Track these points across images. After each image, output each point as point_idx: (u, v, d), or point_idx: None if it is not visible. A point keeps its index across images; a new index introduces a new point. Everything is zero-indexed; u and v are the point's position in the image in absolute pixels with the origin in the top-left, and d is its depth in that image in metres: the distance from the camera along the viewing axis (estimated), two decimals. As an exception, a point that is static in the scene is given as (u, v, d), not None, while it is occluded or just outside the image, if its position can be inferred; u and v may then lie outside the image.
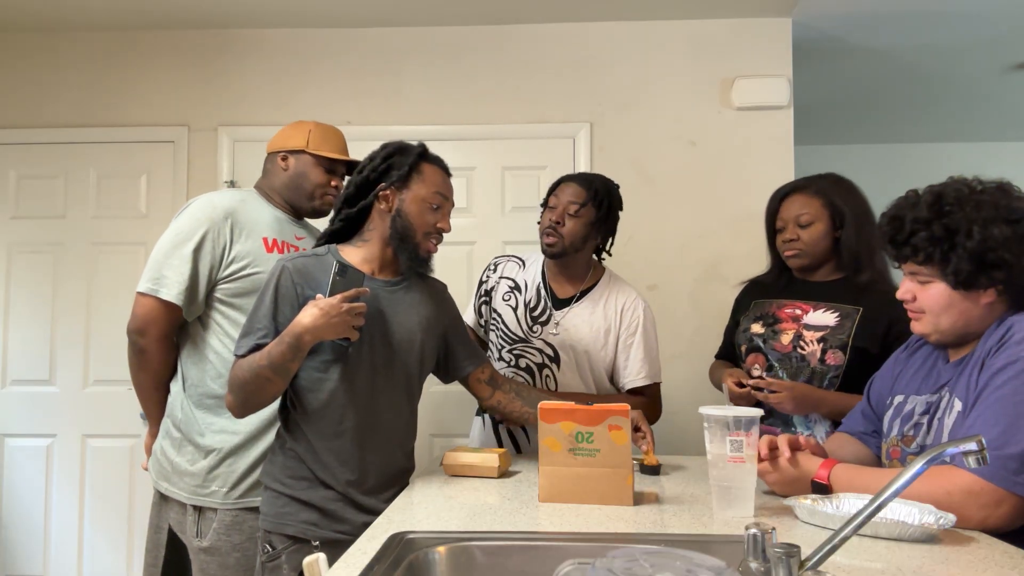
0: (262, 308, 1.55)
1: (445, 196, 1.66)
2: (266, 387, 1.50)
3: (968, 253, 1.28)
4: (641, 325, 2.04)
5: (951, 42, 3.23)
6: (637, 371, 2.03)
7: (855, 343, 1.87)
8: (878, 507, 0.91)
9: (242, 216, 1.86)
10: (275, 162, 1.96)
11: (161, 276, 1.78)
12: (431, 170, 1.65)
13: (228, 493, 1.79)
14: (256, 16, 3.05)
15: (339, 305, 1.46)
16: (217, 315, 1.84)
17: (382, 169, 1.63)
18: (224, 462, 1.80)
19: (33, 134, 3.17)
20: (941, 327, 1.36)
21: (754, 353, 1.99)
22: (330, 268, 1.51)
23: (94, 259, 3.13)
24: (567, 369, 2.02)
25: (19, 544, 3.09)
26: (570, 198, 1.99)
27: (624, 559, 0.80)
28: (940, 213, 1.31)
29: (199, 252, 1.79)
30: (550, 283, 2.09)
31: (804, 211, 1.96)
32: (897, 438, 1.44)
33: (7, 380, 3.14)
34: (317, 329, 1.46)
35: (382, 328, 1.60)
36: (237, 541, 1.78)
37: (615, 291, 2.07)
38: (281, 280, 1.55)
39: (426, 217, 1.62)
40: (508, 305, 2.10)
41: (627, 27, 3.09)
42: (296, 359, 1.49)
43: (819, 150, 4.54)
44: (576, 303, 2.05)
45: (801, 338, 1.92)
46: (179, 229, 1.82)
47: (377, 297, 1.60)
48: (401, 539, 1.13)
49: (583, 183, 2.01)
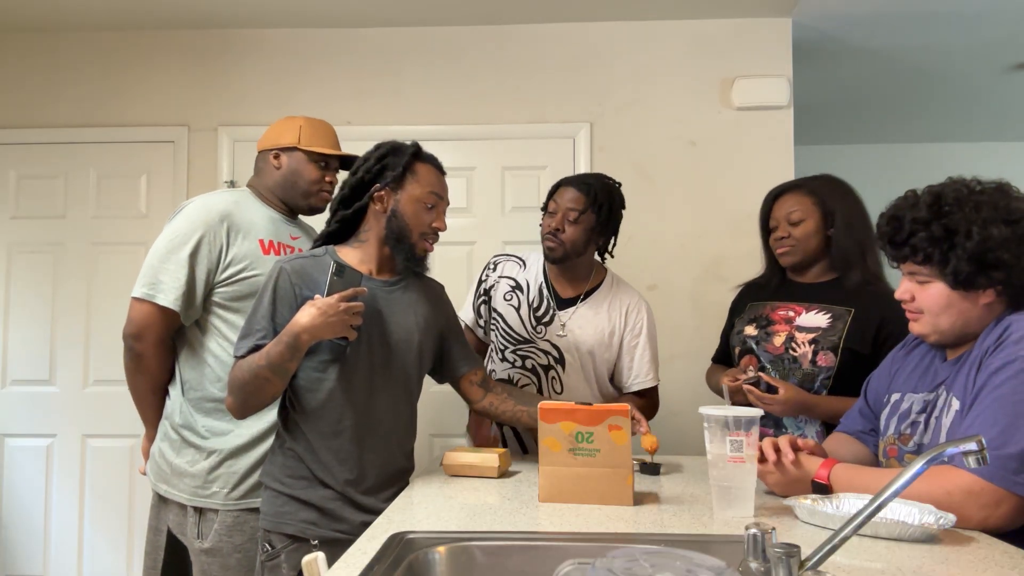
0: (261, 309, 1.55)
1: (440, 195, 1.65)
2: (265, 387, 1.51)
3: (967, 253, 1.28)
4: (645, 327, 2.05)
5: (951, 42, 3.23)
6: (644, 373, 2.04)
7: (846, 344, 1.87)
8: (878, 507, 0.91)
9: (238, 218, 1.84)
10: (267, 160, 1.94)
11: (157, 281, 1.77)
12: (425, 169, 1.64)
13: (229, 494, 1.79)
14: (256, 16, 3.05)
15: (336, 304, 1.46)
16: (215, 319, 1.83)
17: (376, 170, 1.62)
18: (224, 463, 1.80)
19: (33, 134, 3.17)
20: (940, 327, 1.36)
21: (747, 355, 2.00)
22: (328, 269, 1.51)
23: (94, 259, 3.13)
24: (572, 371, 2.02)
25: (19, 544, 3.09)
26: (569, 204, 1.97)
27: (624, 559, 0.80)
28: (939, 213, 1.31)
29: (196, 256, 1.78)
30: (552, 283, 2.08)
31: (795, 208, 1.97)
32: (894, 436, 1.44)
33: (7, 380, 3.14)
34: (314, 328, 1.46)
35: (380, 328, 1.61)
36: (238, 542, 1.77)
37: (619, 293, 2.08)
38: (279, 281, 1.56)
39: (421, 217, 1.62)
40: (510, 305, 2.10)
41: (627, 27, 3.09)
42: (294, 359, 1.49)
43: (819, 150, 4.54)
44: (580, 304, 2.05)
45: (793, 340, 1.93)
46: (174, 233, 1.80)
47: (375, 297, 1.60)
48: (401, 539, 1.13)
49: (582, 188, 1.99)
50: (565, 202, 1.98)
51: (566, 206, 1.97)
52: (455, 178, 3.12)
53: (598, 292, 2.07)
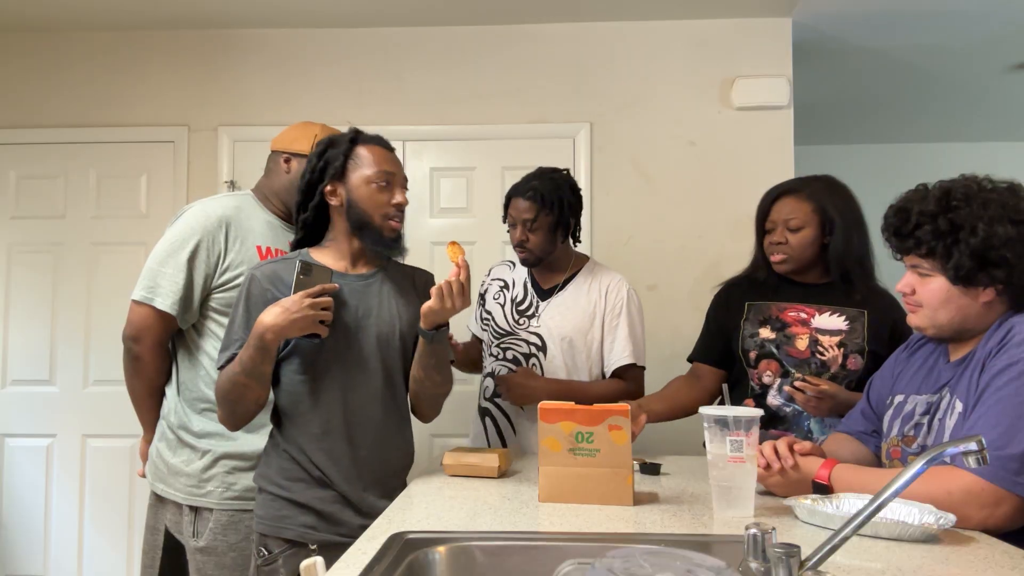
0: (236, 319, 1.55)
1: (391, 171, 1.62)
2: (245, 394, 1.50)
3: (970, 249, 1.28)
4: (625, 306, 2.07)
5: (951, 42, 3.23)
6: (621, 350, 2.05)
7: (870, 347, 1.87)
8: (878, 507, 0.91)
9: (236, 223, 1.85)
10: (278, 162, 1.95)
11: (156, 285, 1.78)
12: (366, 151, 1.62)
13: (224, 493, 1.79)
14: (256, 16, 3.05)
15: (300, 301, 1.45)
16: (211, 323, 1.84)
17: (320, 168, 1.61)
18: (219, 462, 1.80)
19: (33, 134, 3.17)
20: (938, 321, 1.36)
21: (767, 359, 1.96)
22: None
23: (94, 259, 3.13)
24: (554, 357, 2.05)
25: (19, 544, 3.09)
26: (524, 215, 2.02)
27: (624, 559, 0.79)
28: (947, 208, 1.31)
29: (194, 261, 1.79)
30: (535, 277, 2.14)
31: (794, 215, 1.93)
32: (898, 438, 1.44)
33: (7, 380, 3.14)
34: (278, 327, 1.45)
35: (356, 323, 1.59)
36: (233, 540, 1.77)
37: (598, 275, 2.12)
38: (251, 288, 1.56)
39: (377, 198, 1.59)
40: (497, 303, 2.17)
41: (627, 27, 3.09)
42: (265, 361, 1.48)
43: (819, 150, 4.53)
44: (560, 291, 2.09)
45: (818, 343, 1.91)
46: (174, 237, 1.81)
47: (352, 292, 1.59)
48: (401, 539, 1.13)
49: (528, 195, 2.02)
50: (520, 213, 2.04)
51: (522, 217, 2.03)
52: (455, 178, 3.16)
53: (578, 277, 2.11)
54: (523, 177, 2.10)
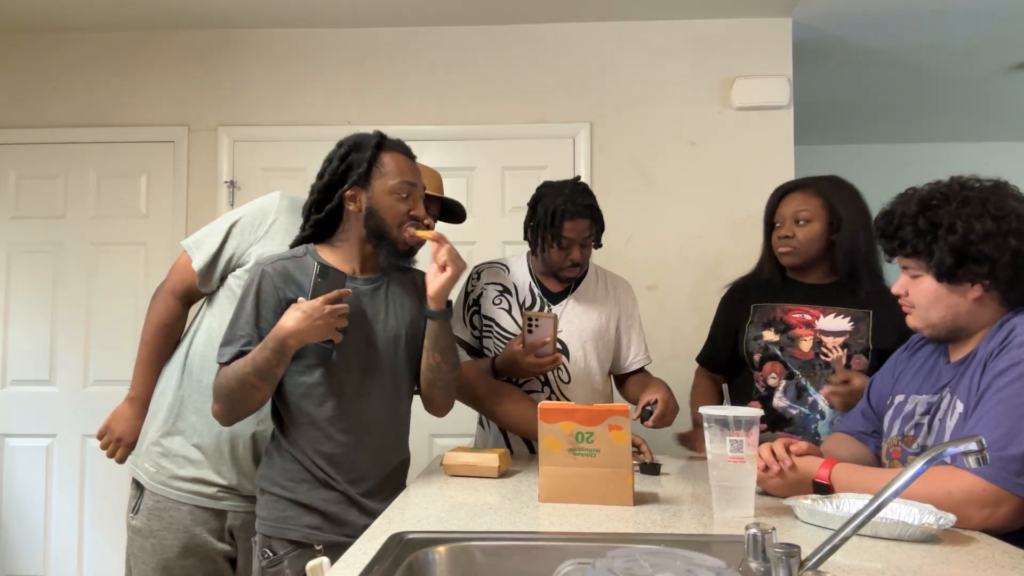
0: (243, 315, 1.52)
1: (412, 182, 1.60)
2: (253, 394, 1.49)
3: (949, 246, 1.30)
4: (635, 307, 2.14)
5: (951, 42, 3.23)
6: (637, 351, 2.11)
7: (874, 346, 1.88)
8: (878, 507, 0.91)
9: (284, 221, 1.79)
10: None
11: (202, 239, 1.77)
12: (391, 159, 1.59)
13: (155, 475, 1.75)
14: (256, 16, 3.05)
15: (322, 307, 1.44)
16: (224, 300, 1.78)
17: (342, 170, 1.59)
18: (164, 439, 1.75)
19: (33, 134, 3.17)
20: (931, 320, 1.38)
21: (771, 361, 1.96)
22: (310, 270, 1.49)
23: (94, 259, 3.12)
24: (577, 360, 2.03)
25: (19, 544, 3.09)
26: (584, 234, 1.95)
27: (624, 559, 0.79)
28: (927, 208, 1.34)
29: (233, 230, 1.76)
30: (541, 280, 2.10)
31: (802, 208, 1.95)
32: (898, 438, 1.44)
33: (7, 380, 3.14)
34: (300, 333, 1.44)
35: (366, 328, 1.58)
36: (155, 528, 1.74)
37: (606, 279, 2.14)
38: (262, 285, 1.53)
39: (397, 208, 1.57)
40: (501, 309, 2.10)
41: (627, 27, 3.09)
42: (281, 364, 1.47)
43: (819, 150, 4.53)
44: (571, 295, 2.08)
45: (822, 344, 1.91)
46: (240, 208, 1.83)
47: (360, 296, 1.58)
48: (401, 539, 1.13)
49: (588, 213, 1.94)
50: (580, 234, 1.94)
51: (582, 237, 1.95)
52: (455, 178, 3.15)
53: (586, 280, 2.10)
54: (561, 196, 1.94)
